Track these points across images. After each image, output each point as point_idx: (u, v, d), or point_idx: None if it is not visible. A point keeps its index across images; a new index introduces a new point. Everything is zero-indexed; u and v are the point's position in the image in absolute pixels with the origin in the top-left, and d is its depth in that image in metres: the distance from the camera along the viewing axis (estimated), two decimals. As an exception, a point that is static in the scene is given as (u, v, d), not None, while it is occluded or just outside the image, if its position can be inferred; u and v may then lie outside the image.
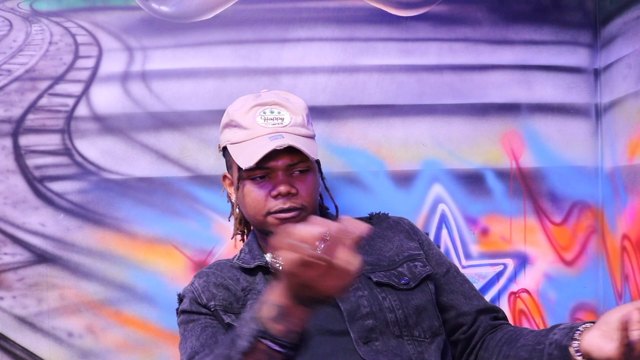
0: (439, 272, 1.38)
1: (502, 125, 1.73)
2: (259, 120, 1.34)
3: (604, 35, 1.70)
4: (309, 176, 1.34)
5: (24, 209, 1.65)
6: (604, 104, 1.71)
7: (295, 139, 1.30)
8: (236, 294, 1.32)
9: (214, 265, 1.42)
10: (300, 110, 1.37)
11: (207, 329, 1.28)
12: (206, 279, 1.36)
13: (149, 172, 1.67)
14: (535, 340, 1.21)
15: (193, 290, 1.34)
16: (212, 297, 1.31)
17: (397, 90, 1.71)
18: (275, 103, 1.36)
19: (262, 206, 1.32)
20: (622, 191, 1.61)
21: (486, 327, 1.35)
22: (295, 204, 1.31)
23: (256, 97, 1.38)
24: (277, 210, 1.31)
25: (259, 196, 1.32)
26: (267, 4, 1.70)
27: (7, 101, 1.65)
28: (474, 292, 1.40)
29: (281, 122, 1.34)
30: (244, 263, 1.37)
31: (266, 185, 1.32)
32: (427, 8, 1.72)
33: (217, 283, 1.34)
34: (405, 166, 1.71)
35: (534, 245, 1.73)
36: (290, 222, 1.31)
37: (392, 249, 1.38)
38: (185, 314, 1.33)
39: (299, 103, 1.40)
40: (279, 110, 1.35)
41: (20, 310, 1.64)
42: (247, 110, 1.35)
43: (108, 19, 1.67)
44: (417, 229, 1.45)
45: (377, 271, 1.33)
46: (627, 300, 1.59)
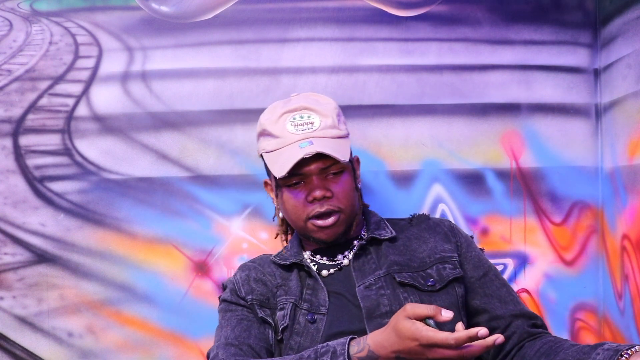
0: (474, 275, 1.38)
1: (502, 125, 1.73)
2: (289, 127, 1.34)
3: (604, 35, 1.70)
4: (343, 177, 1.35)
5: (24, 209, 1.65)
6: (604, 104, 1.71)
7: (324, 143, 1.30)
8: (272, 290, 1.36)
9: (258, 259, 1.46)
10: (329, 112, 1.37)
11: (243, 322, 1.33)
12: (247, 272, 1.40)
13: (149, 172, 1.67)
14: (576, 356, 1.17)
15: (234, 281, 1.39)
16: (251, 291, 1.36)
17: (397, 90, 1.71)
18: (304, 108, 1.36)
19: (301, 212, 1.34)
20: (622, 191, 1.61)
21: (522, 333, 1.33)
22: (332, 207, 1.33)
23: (285, 103, 1.38)
24: (315, 215, 1.33)
25: (297, 203, 1.34)
26: (267, 4, 1.70)
27: (7, 101, 1.65)
28: (511, 296, 1.38)
29: (311, 126, 1.34)
30: (281, 260, 1.40)
31: (302, 191, 1.34)
32: (427, 8, 1.72)
33: (257, 278, 1.38)
34: (405, 166, 1.71)
35: (534, 245, 1.73)
36: (329, 230, 1.34)
37: (426, 250, 1.39)
38: (225, 302, 1.38)
39: (329, 104, 1.39)
40: (308, 115, 1.35)
41: (20, 310, 1.64)
42: (277, 118, 1.36)
43: (108, 19, 1.67)
44: (458, 231, 1.45)
45: (404, 272, 1.34)
46: (627, 300, 1.59)
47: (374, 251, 1.39)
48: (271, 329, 1.32)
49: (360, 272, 1.35)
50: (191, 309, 1.66)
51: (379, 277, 1.34)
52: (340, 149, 1.33)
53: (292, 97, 1.42)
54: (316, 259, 1.41)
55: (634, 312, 1.55)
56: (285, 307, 1.32)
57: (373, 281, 1.33)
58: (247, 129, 1.68)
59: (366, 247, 1.40)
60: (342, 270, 1.38)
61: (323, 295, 1.32)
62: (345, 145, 1.36)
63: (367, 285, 1.33)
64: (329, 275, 1.37)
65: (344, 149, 1.34)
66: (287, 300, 1.33)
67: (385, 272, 1.34)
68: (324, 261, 1.40)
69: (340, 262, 1.39)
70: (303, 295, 1.33)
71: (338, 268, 1.38)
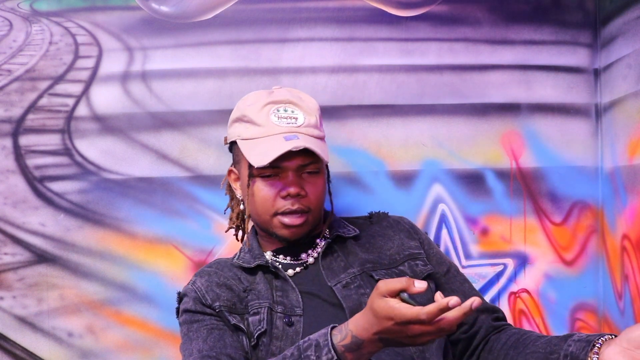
0: (439, 271, 1.38)
1: (502, 125, 1.73)
2: (273, 118, 1.32)
3: (604, 35, 1.70)
4: (318, 179, 1.34)
5: (24, 209, 1.65)
6: (604, 104, 1.71)
7: (310, 141, 1.29)
8: (239, 294, 1.31)
9: (214, 264, 1.41)
10: (313, 111, 1.36)
11: (214, 331, 1.26)
12: (208, 278, 1.34)
13: (149, 172, 1.67)
14: (547, 349, 1.17)
15: (196, 289, 1.32)
16: (217, 298, 1.29)
17: (397, 90, 1.71)
18: (289, 101, 1.34)
19: (270, 205, 1.32)
20: (622, 191, 1.61)
21: (488, 327, 1.34)
22: (303, 206, 1.31)
23: (269, 94, 1.36)
24: (285, 211, 1.31)
25: (268, 195, 1.31)
26: (267, 4, 1.70)
27: (7, 101, 1.65)
28: (473, 292, 1.40)
29: (295, 121, 1.32)
30: (244, 262, 1.36)
31: (276, 184, 1.31)
32: (427, 8, 1.72)
33: (220, 283, 1.33)
34: (405, 166, 1.71)
35: (534, 245, 1.73)
36: (294, 229, 1.32)
37: (393, 247, 1.38)
38: (189, 313, 1.30)
39: (312, 103, 1.38)
40: (292, 109, 1.33)
41: (20, 310, 1.64)
42: (261, 107, 1.33)
43: (108, 19, 1.67)
44: (417, 229, 1.45)
45: (378, 269, 1.33)
46: (627, 300, 1.59)
47: (340, 249, 1.37)
48: (244, 335, 1.27)
49: (329, 271, 1.33)
50: (191, 309, 1.66)
51: (355, 275, 1.32)
52: (323, 148, 1.32)
53: (275, 89, 1.40)
54: (279, 259, 1.37)
55: (634, 312, 1.55)
56: (260, 311, 1.27)
57: (350, 280, 1.31)
58: (247, 129, 1.68)
59: (331, 245, 1.38)
60: (308, 269, 1.36)
61: (295, 296, 1.29)
62: (325, 147, 1.35)
63: (344, 284, 1.30)
64: (295, 274, 1.34)
65: (325, 149, 1.33)
66: (260, 304, 1.28)
67: (360, 270, 1.33)
68: (288, 261, 1.37)
69: (305, 261, 1.36)
70: (274, 297, 1.29)
71: (303, 267, 1.36)
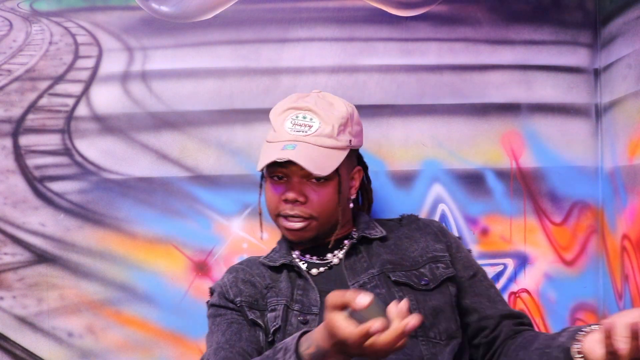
0: (464, 275, 1.38)
1: (502, 125, 1.73)
2: (288, 124, 1.35)
3: (604, 35, 1.70)
4: (324, 187, 1.34)
5: (24, 209, 1.65)
6: (604, 104, 1.71)
7: (307, 151, 1.29)
8: (261, 291, 1.35)
9: (246, 261, 1.45)
10: (334, 120, 1.34)
11: (233, 325, 1.31)
12: (235, 274, 1.39)
13: (149, 172, 1.67)
14: (545, 343, 1.21)
15: (222, 285, 1.38)
16: (239, 293, 1.34)
17: (397, 90, 1.71)
18: (309, 109, 1.34)
19: (274, 206, 1.36)
20: (622, 191, 1.60)
21: (508, 332, 1.34)
22: (302, 213, 1.33)
23: (298, 99, 1.39)
24: (285, 214, 1.35)
25: (273, 196, 1.36)
26: (267, 4, 1.70)
27: (7, 101, 1.65)
28: (499, 297, 1.40)
29: (307, 129, 1.33)
30: (271, 261, 1.40)
31: (281, 187, 1.35)
32: (427, 8, 1.72)
33: (245, 279, 1.37)
34: (405, 166, 1.71)
35: (534, 245, 1.73)
36: (295, 232, 1.35)
37: (417, 249, 1.39)
38: (214, 307, 1.36)
39: (339, 111, 1.36)
40: (310, 117, 1.34)
41: (20, 310, 1.64)
42: (281, 112, 1.37)
43: (108, 19, 1.67)
44: (447, 232, 1.45)
45: (397, 270, 1.34)
46: (627, 300, 1.59)
47: (365, 250, 1.39)
48: (262, 331, 1.30)
49: (351, 271, 1.35)
50: (191, 309, 1.66)
51: (373, 276, 1.33)
52: (324, 160, 1.31)
53: (312, 92, 1.42)
54: (305, 258, 1.40)
55: (634, 312, 1.55)
56: (277, 308, 1.31)
57: (367, 280, 1.33)
58: (247, 129, 1.68)
59: (357, 246, 1.40)
60: (333, 269, 1.38)
61: (314, 295, 1.31)
62: (334, 157, 1.33)
63: (361, 284, 1.32)
64: (319, 274, 1.37)
65: (329, 160, 1.32)
66: (278, 301, 1.32)
67: (379, 270, 1.34)
68: (314, 260, 1.40)
69: (330, 261, 1.39)
70: (294, 296, 1.32)
71: (328, 267, 1.38)
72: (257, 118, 1.68)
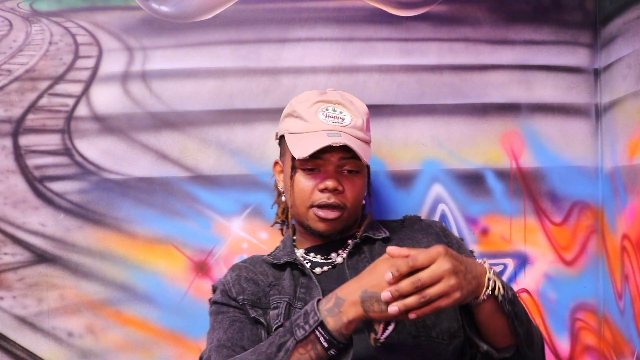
0: None
1: (502, 125, 1.73)
2: (321, 115, 1.36)
3: (604, 35, 1.70)
4: (357, 177, 1.37)
5: (24, 209, 1.65)
6: (604, 104, 1.71)
7: (351, 140, 1.33)
8: (264, 289, 1.35)
9: (249, 259, 1.46)
10: (361, 114, 1.40)
11: (235, 323, 1.31)
12: (238, 272, 1.39)
13: (149, 172, 1.67)
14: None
15: (225, 282, 1.38)
16: (242, 291, 1.35)
17: (397, 90, 1.71)
18: (338, 102, 1.38)
19: (307, 197, 1.36)
20: (622, 191, 1.60)
21: None
22: (339, 202, 1.34)
23: (321, 94, 1.41)
24: (321, 204, 1.34)
25: (307, 187, 1.35)
26: (267, 4, 1.70)
27: (7, 101, 1.65)
28: None
29: (341, 121, 1.36)
30: (275, 259, 1.40)
31: (316, 177, 1.35)
32: (427, 8, 1.72)
33: (248, 277, 1.37)
34: (405, 166, 1.71)
35: (534, 245, 1.73)
36: (329, 223, 1.35)
37: None
38: (216, 304, 1.37)
39: (362, 107, 1.43)
40: (341, 110, 1.38)
41: (20, 310, 1.64)
42: (310, 104, 1.38)
43: (108, 19, 1.67)
44: (449, 233, 1.46)
45: None
46: (627, 300, 1.59)
47: (368, 250, 1.40)
48: (264, 329, 1.31)
49: (354, 271, 1.35)
50: (191, 309, 1.66)
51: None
52: (364, 150, 1.35)
53: (329, 90, 1.45)
54: (309, 257, 1.41)
55: (634, 312, 1.55)
56: (279, 306, 1.32)
57: None
58: (247, 129, 1.68)
59: (360, 246, 1.40)
60: (336, 268, 1.38)
61: (317, 294, 1.31)
62: (367, 150, 1.38)
63: None
64: (322, 273, 1.37)
65: (367, 152, 1.37)
66: (280, 299, 1.33)
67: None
68: (318, 259, 1.40)
69: (333, 261, 1.39)
70: (297, 294, 1.33)
71: (332, 266, 1.39)
72: (257, 118, 1.68)
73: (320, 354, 1.14)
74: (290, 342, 1.15)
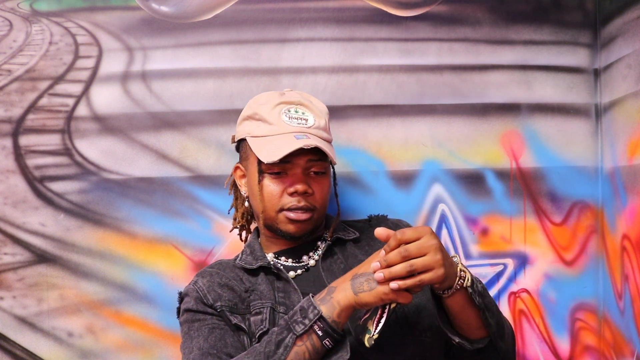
0: None
1: (502, 125, 1.73)
2: (284, 117, 1.35)
3: (604, 35, 1.70)
4: (324, 179, 1.37)
5: (24, 209, 1.65)
6: (604, 104, 1.71)
7: (319, 141, 1.32)
8: (241, 294, 1.32)
9: (216, 265, 1.42)
10: (323, 114, 1.40)
11: (215, 330, 1.28)
12: (210, 278, 1.35)
13: (149, 172, 1.67)
14: None
15: (197, 289, 1.33)
16: (218, 298, 1.31)
17: (397, 90, 1.71)
18: (300, 103, 1.38)
19: (276, 201, 1.34)
20: (622, 191, 1.61)
21: None
22: (309, 204, 1.33)
23: (281, 95, 1.40)
24: (291, 207, 1.33)
25: (275, 191, 1.34)
26: (267, 4, 1.70)
27: (7, 101, 1.65)
28: None
29: (305, 122, 1.35)
30: (246, 264, 1.37)
31: (284, 181, 1.34)
32: (427, 8, 1.72)
33: (222, 283, 1.34)
34: (405, 166, 1.71)
35: (534, 245, 1.73)
36: (300, 224, 1.34)
37: None
38: (190, 312, 1.32)
39: (322, 107, 1.42)
40: (303, 111, 1.37)
41: (20, 310, 1.64)
42: (273, 107, 1.36)
43: (108, 19, 1.67)
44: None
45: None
46: (627, 300, 1.59)
47: (340, 252, 1.39)
48: (246, 336, 1.28)
49: (329, 273, 1.35)
50: (191, 309, 1.66)
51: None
52: (332, 150, 1.35)
53: (286, 91, 1.44)
54: (280, 260, 1.39)
55: (634, 312, 1.55)
56: (262, 311, 1.29)
57: None
58: (247, 129, 1.68)
59: (331, 247, 1.40)
60: (309, 271, 1.37)
61: (297, 297, 1.30)
62: (332, 149, 1.37)
63: None
64: (296, 276, 1.36)
65: (333, 152, 1.36)
66: (263, 304, 1.30)
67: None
68: (289, 263, 1.39)
69: (306, 263, 1.38)
70: (277, 298, 1.31)
71: (305, 269, 1.37)
72: (257, 118, 1.68)
73: (315, 344, 1.14)
74: (289, 338, 1.15)
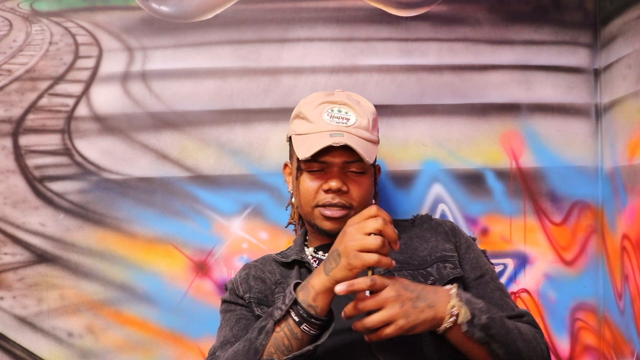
0: (470, 276, 1.38)
1: (502, 125, 1.73)
2: (325, 116, 1.37)
3: (604, 35, 1.70)
4: (363, 177, 1.38)
5: (24, 209, 1.65)
6: (604, 104, 1.71)
7: (354, 140, 1.33)
8: (271, 287, 1.37)
9: (261, 258, 1.47)
10: (367, 114, 1.40)
11: (241, 321, 1.34)
12: (247, 271, 1.42)
13: (149, 172, 1.67)
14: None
15: (234, 281, 1.41)
16: (249, 290, 1.37)
17: (397, 90, 1.71)
18: (344, 103, 1.39)
19: (312, 197, 1.37)
20: (622, 191, 1.61)
21: None
22: (344, 201, 1.35)
23: (328, 95, 1.42)
24: (325, 203, 1.35)
25: (311, 187, 1.37)
26: (267, 4, 1.70)
27: (7, 101, 1.66)
28: (503, 300, 1.37)
29: (346, 122, 1.37)
30: (283, 257, 1.42)
31: (320, 178, 1.36)
32: (427, 8, 1.72)
33: (257, 276, 1.39)
34: (405, 166, 1.71)
35: (534, 245, 1.73)
36: (334, 221, 1.36)
37: (427, 249, 1.39)
38: (225, 303, 1.40)
39: (368, 107, 1.44)
40: (346, 110, 1.39)
41: (20, 310, 1.64)
42: (316, 105, 1.39)
43: (108, 19, 1.67)
44: (459, 232, 1.45)
45: (404, 269, 1.34)
46: (627, 300, 1.59)
47: None
48: None
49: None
50: (191, 309, 1.66)
51: (380, 274, 1.33)
52: (368, 150, 1.36)
53: (336, 91, 1.46)
54: (318, 255, 1.42)
55: (634, 312, 1.55)
56: None
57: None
58: (247, 129, 1.68)
59: None
60: None
61: None
62: (373, 150, 1.39)
63: None
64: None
65: (371, 152, 1.37)
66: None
67: (385, 270, 1.34)
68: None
69: None
70: None
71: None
72: (257, 118, 1.68)
73: (293, 329, 1.15)
74: (269, 324, 1.17)
